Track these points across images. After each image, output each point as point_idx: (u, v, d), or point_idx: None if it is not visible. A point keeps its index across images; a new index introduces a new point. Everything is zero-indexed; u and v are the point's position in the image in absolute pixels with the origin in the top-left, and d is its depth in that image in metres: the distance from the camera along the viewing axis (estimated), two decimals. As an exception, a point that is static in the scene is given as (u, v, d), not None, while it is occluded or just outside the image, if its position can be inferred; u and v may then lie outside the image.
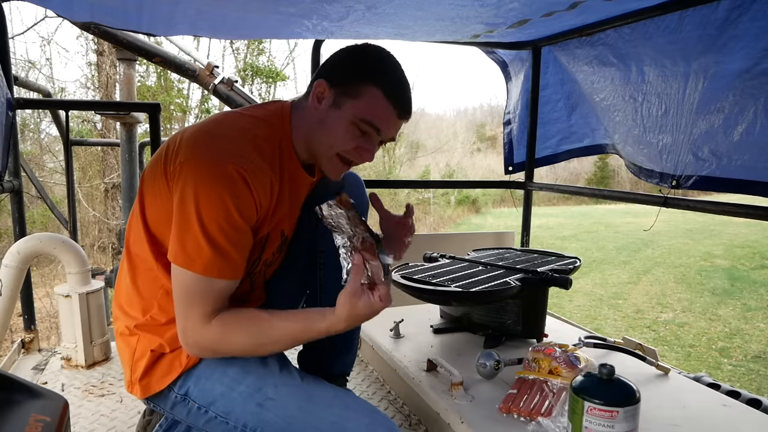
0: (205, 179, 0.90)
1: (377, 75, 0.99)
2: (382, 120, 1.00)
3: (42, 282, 6.13)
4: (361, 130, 1.00)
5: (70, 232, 2.37)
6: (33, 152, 8.34)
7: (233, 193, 0.91)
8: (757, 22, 1.53)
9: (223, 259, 0.92)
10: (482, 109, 27.13)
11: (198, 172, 0.91)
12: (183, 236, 0.91)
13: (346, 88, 0.99)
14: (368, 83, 0.98)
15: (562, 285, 1.59)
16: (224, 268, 0.93)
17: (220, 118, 1.03)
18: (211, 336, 0.95)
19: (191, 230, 0.90)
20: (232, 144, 0.95)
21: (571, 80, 2.40)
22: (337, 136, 1.00)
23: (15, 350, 1.83)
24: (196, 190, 0.90)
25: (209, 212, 0.90)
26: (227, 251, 0.92)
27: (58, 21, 8.01)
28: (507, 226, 10.75)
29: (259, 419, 0.98)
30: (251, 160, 0.94)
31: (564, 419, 1.14)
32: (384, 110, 0.99)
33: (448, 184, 13.50)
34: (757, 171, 1.61)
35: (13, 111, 1.82)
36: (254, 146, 0.97)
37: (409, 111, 1.03)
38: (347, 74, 1.00)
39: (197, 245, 0.90)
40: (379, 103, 0.98)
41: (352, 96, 0.98)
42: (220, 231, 0.91)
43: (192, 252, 0.91)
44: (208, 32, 2.23)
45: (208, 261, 0.91)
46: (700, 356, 4.86)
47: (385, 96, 0.98)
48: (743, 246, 9.13)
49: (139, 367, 1.04)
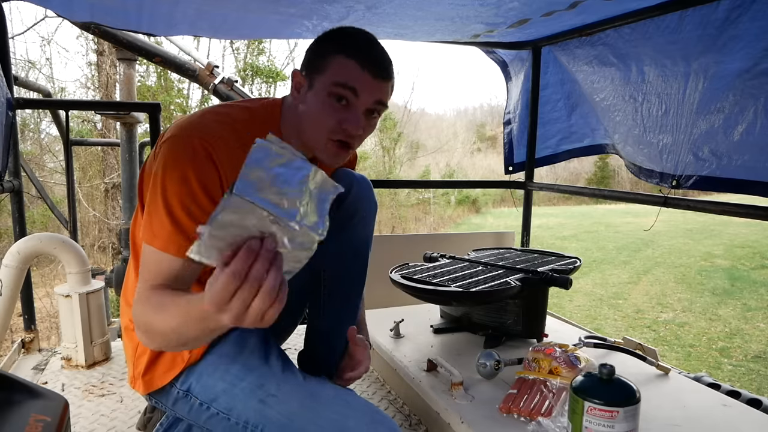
0: (172, 156, 0.90)
1: (340, 44, 0.97)
2: (354, 80, 0.96)
3: (42, 282, 6.13)
4: (337, 99, 0.97)
5: (70, 232, 2.36)
6: (33, 152, 8.34)
7: (195, 166, 0.89)
8: (757, 22, 1.53)
9: (183, 236, 0.89)
10: (482, 109, 27.15)
11: (168, 150, 0.91)
12: (150, 213, 0.91)
13: (314, 67, 0.98)
14: (332, 54, 0.96)
15: (562, 285, 1.59)
16: (183, 245, 0.88)
17: (207, 108, 1.03)
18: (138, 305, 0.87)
19: (157, 206, 0.90)
20: (204, 122, 0.95)
21: (571, 80, 2.40)
22: (318, 116, 0.98)
23: (15, 350, 1.83)
24: (165, 167, 0.90)
25: (172, 188, 0.89)
26: (188, 228, 0.89)
27: (58, 21, 8.02)
28: (507, 226, 10.75)
29: (261, 415, 0.98)
30: (218, 136, 0.93)
31: (564, 419, 1.14)
32: (353, 71, 0.96)
33: (448, 184, 13.50)
34: (757, 171, 1.61)
35: (13, 111, 1.82)
36: (231, 129, 0.96)
37: (384, 69, 0.99)
38: (314, 55, 1.00)
39: (160, 221, 0.89)
40: (346, 65, 0.96)
41: (321, 71, 0.97)
42: (182, 207, 0.89)
43: (156, 228, 0.89)
44: (208, 32, 2.23)
45: (168, 236, 0.88)
46: (700, 356, 4.86)
47: (352, 59, 0.95)
48: (743, 246, 9.13)
49: (142, 362, 1.04)
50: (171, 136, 0.93)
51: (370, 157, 13.86)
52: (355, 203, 1.18)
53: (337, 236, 1.18)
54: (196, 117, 0.98)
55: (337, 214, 1.17)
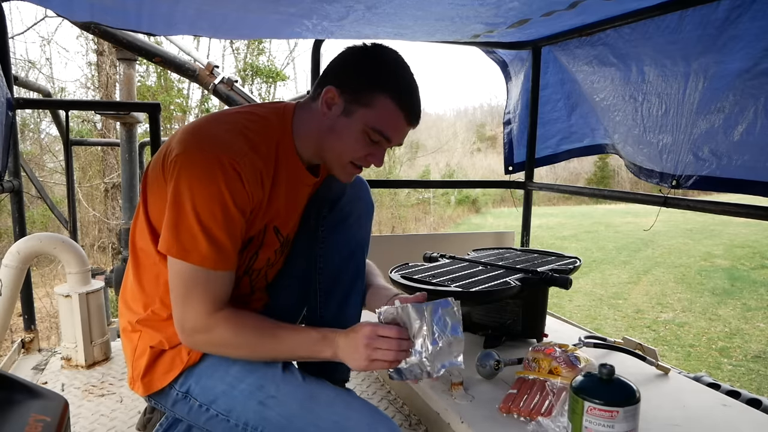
0: (198, 171, 0.91)
1: (389, 83, 0.98)
2: (393, 129, 1.00)
3: (42, 282, 6.13)
4: (372, 140, 1.00)
5: (70, 232, 2.37)
6: (33, 152, 8.34)
7: (227, 182, 0.91)
8: (757, 22, 1.53)
9: (218, 249, 0.92)
10: (482, 109, 27.14)
11: (191, 164, 0.91)
12: (177, 227, 0.91)
13: (356, 96, 0.98)
14: (379, 91, 0.97)
15: (562, 285, 1.59)
16: (219, 259, 0.93)
17: (216, 115, 1.03)
18: (211, 328, 0.95)
19: (185, 221, 0.90)
20: (223, 136, 0.95)
21: (571, 80, 2.40)
22: (349, 145, 1.01)
23: (15, 350, 1.83)
24: (191, 181, 0.90)
25: (204, 202, 0.90)
26: (222, 242, 0.92)
27: (58, 21, 8.01)
28: (507, 226, 10.75)
29: (261, 417, 0.98)
30: (242, 153, 0.94)
31: (564, 419, 1.14)
32: (395, 119, 0.99)
33: (448, 184, 13.50)
34: (757, 171, 1.61)
35: (13, 111, 1.82)
36: (246, 140, 0.96)
37: (418, 117, 1.04)
38: (358, 81, 0.98)
39: (192, 236, 0.90)
40: (390, 113, 0.98)
41: (363, 104, 0.98)
42: (215, 221, 0.91)
43: (187, 243, 0.91)
44: (208, 32, 2.23)
45: (204, 252, 0.91)
46: (700, 356, 4.86)
47: (396, 105, 0.98)
48: (743, 246, 9.12)
49: (141, 364, 1.04)
50: (191, 152, 0.92)
51: (370, 157, 13.85)
52: (350, 204, 1.18)
53: (333, 237, 1.18)
54: (208, 130, 0.97)
55: (331, 216, 1.17)
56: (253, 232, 1.04)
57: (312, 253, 1.21)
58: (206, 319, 0.94)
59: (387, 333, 0.93)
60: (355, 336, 0.94)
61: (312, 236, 1.19)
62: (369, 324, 0.95)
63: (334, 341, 0.96)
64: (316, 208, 1.18)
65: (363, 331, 0.94)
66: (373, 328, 0.94)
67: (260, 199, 1.00)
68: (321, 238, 1.18)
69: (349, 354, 0.94)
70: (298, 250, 1.21)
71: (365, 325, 0.95)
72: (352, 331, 0.95)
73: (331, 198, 1.17)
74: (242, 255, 1.05)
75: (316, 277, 1.21)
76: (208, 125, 0.98)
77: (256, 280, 1.15)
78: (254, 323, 0.98)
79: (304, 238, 1.20)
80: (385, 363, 0.94)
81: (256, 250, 1.07)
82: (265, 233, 1.07)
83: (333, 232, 1.18)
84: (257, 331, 0.97)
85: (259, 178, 0.98)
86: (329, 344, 0.96)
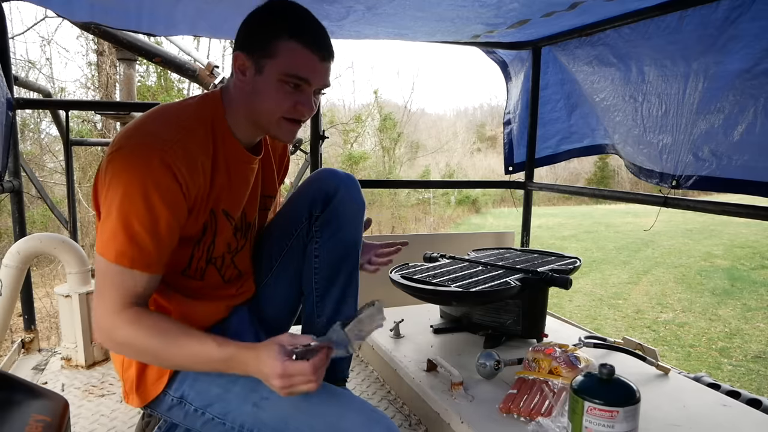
0: (127, 168, 0.89)
1: (285, 27, 0.96)
2: (306, 68, 0.97)
3: (42, 282, 6.13)
4: (292, 87, 0.98)
5: (70, 232, 2.36)
6: (33, 152, 8.33)
7: (155, 181, 0.89)
8: (757, 22, 1.53)
9: (137, 248, 0.90)
10: (482, 109, 27.14)
11: (121, 161, 0.90)
12: (104, 224, 0.91)
13: (262, 52, 0.97)
14: (279, 38, 0.96)
15: (562, 285, 1.59)
16: (137, 258, 0.90)
17: (153, 109, 1.02)
18: (115, 327, 0.91)
19: (110, 218, 0.89)
20: (155, 129, 0.94)
21: (571, 80, 2.40)
22: (272, 100, 0.98)
23: (15, 350, 1.83)
24: (119, 179, 0.89)
25: (128, 200, 0.89)
26: (142, 241, 0.90)
27: (58, 21, 8.00)
28: (507, 226, 10.75)
29: (256, 419, 0.98)
30: (175, 141, 0.92)
31: (564, 419, 1.14)
32: (304, 58, 0.96)
33: (448, 184, 13.49)
34: (757, 171, 1.61)
35: (13, 111, 1.82)
36: (179, 127, 0.95)
37: (329, 52, 1.00)
38: (258, 37, 0.98)
39: (112, 233, 0.89)
40: (297, 53, 0.96)
41: (270, 56, 0.96)
42: (138, 220, 0.89)
43: (108, 239, 0.90)
44: (208, 32, 2.23)
45: (120, 249, 0.89)
46: (700, 356, 4.85)
47: (300, 44, 0.96)
48: (743, 246, 9.12)
49: (130, 375, 1.05)
50: (122, 149, 0.91)
51: (370, 157, 13.85)
52: (342, 204, 1.17)
53: (326, 238, 1.18)
54: (142, 125, 0.96)
55: (323, 216, 1.17)
56: (203, 218, 1.02)
57: (306, 253, 1.21)
58: (111, 318, 0.91)
59: (296, 372, 0.85)
60: (265, 370, 0.87)
61: (305, 237, 1.20)
62: (278, 358, 0.86)
63: (242, 364, 0.89)
64: (308, 208, 1.18)
65: (272, 368, 0.85)
66: (283, 367, 0.85)
67: (202, 184, 0.98)
68: (315, 238, 1.19)
69: (265, 381, 0.89)
70: (292, 251, 1.22)
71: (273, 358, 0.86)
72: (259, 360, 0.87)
73: (322, 198, 1.17)
74: (199, 245, 1.05)
75: (311, 277, 1.22)
76: (141, 121, 0.97)
77: (224, 268, 1.14)
78: (161, 327, 0.92)
79: (297, 238, 1.20)
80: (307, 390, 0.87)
81: (212, 237, 1.06)
82: (216, 218, 1.05)
83: (326, 232, 1.18)
84: (161, 336, 0.91)
85: (197, 162, 0.96)
86: (237, 366, 0.90)
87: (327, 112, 13.16)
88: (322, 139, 2.24)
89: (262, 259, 1.24)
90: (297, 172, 2.87)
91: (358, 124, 13.43)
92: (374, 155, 14.30)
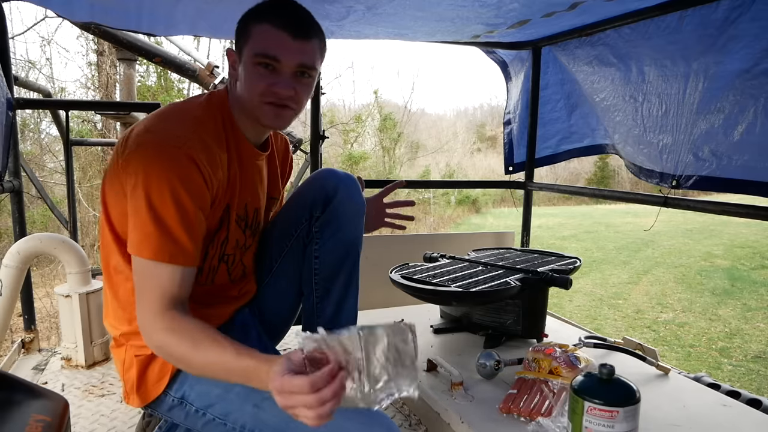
0: (153, 165, 0.90)
1: (256, 13, 0.99)
2: (275, 46, 0.97)
3: (42, 282, 6.12)
4: (263, 65, 0.98)
5: (70, 232, 2.36)
6: (33, 152, 8.33)
7: (181, 176, 0.90)
8: (757, 22, 1.53)
9: (173, 243, 0.90)
10: (482, 109, 27.13)
11: (146, 159, 0.91)
12: (135, 224, 0.91)
13: (241, 42, 1.00)
14: (251, 24, 0.99)
15: (562, 285, 1.59)
16: (175, 252, 0.90)
17: (164, 108, 1.03)
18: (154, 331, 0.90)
19: (141, 217, 0.90)
20: (172, 125, 0.96)
21: (571, 80, 2.40)
22: (250, 83, 1.00)
23: (15, 350, 1.83)
24: (146, 177, 0.90)
25: (158, 197, 0.89)
26: (177, 235, 0.90)
27: (58, 21, 8.00)
28: (507, 226, 10.74)
29: (257, 419, 0.98)
30: (196, 139, 0.94)
31: (564, 419, 1.14)
32: (273, 36, 0.97)
33: (448, 184, 13.49)
34: (757, 171, 1.61)
35: (13, 111, 1.82)
36: (197, 125, 0.97)
37: (304, 30, 0.99)
38: (239, 32, 1.02)
39: (146, 231, 0.89)
40: (266, 32, 0.97)
41: (245, 42, 0.99)
42: (169, 215, 0.89)
43: (141, 238, 0.90)
44: (208, 32, 2.23)
45: (157, 245, 0.89)
46: (700, 356, 4.85)
47: (269, 24, 0.97)
48: (743, 246, 9.12)
49: (131, 376, 1.05)
50: (145, 147, 0.92)
51: (370, 157, 13.85)
52: (342, 205, 1.18)
53: (326, 238, 1.18)
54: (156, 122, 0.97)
55: (324, 216, 1.17)
56: (219, 212, 1.04)
57: (307, 254, 1.21)
58: (150, 320, 0.90)
59: (294, 388, 0.74)
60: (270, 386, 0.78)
61: (305, 238, 1.20)
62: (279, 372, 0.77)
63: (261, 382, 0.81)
64: (309, 209, 1.18)
65: (273, 384, 0.77)
66: (280, 383, 0.75)
67: (221, 177, 1.00)
68: (315, 239, 1.19)
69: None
70: (292, 252, 1.22)
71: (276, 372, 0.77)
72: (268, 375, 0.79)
73: (322, 199, 1.17)
74: (214, 241, 1.06)
75: (312, 277, 1.22)
76: (159, 118, 0.98)
77: (233, 267, 1.14)
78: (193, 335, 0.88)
79: (297, 239, 1.20)
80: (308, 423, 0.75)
81: (226, 233, 1.08)
82: (230, 213, 1.07)
83: (327, 232, 1.18)
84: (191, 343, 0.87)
85: (216, 156, 0.98)
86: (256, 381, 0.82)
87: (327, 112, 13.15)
88: (322, 139, 2.25)
89: (263, 259, 1.25)
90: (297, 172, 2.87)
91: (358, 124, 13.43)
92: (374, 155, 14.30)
